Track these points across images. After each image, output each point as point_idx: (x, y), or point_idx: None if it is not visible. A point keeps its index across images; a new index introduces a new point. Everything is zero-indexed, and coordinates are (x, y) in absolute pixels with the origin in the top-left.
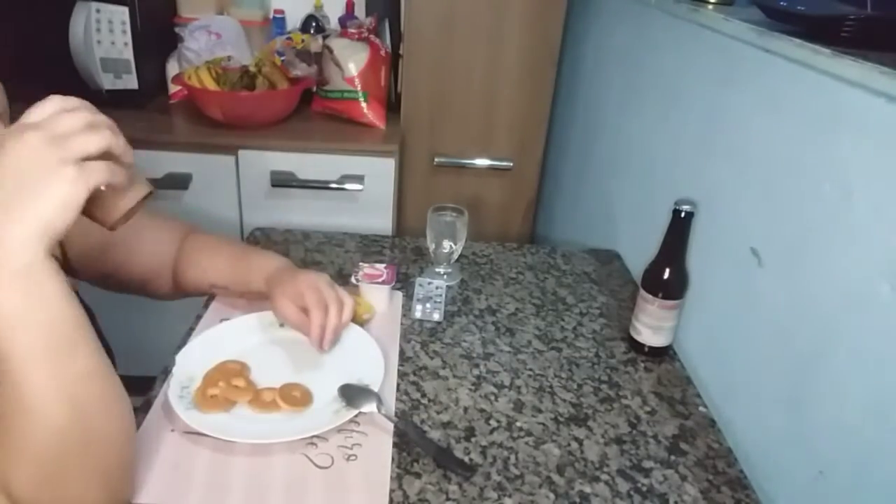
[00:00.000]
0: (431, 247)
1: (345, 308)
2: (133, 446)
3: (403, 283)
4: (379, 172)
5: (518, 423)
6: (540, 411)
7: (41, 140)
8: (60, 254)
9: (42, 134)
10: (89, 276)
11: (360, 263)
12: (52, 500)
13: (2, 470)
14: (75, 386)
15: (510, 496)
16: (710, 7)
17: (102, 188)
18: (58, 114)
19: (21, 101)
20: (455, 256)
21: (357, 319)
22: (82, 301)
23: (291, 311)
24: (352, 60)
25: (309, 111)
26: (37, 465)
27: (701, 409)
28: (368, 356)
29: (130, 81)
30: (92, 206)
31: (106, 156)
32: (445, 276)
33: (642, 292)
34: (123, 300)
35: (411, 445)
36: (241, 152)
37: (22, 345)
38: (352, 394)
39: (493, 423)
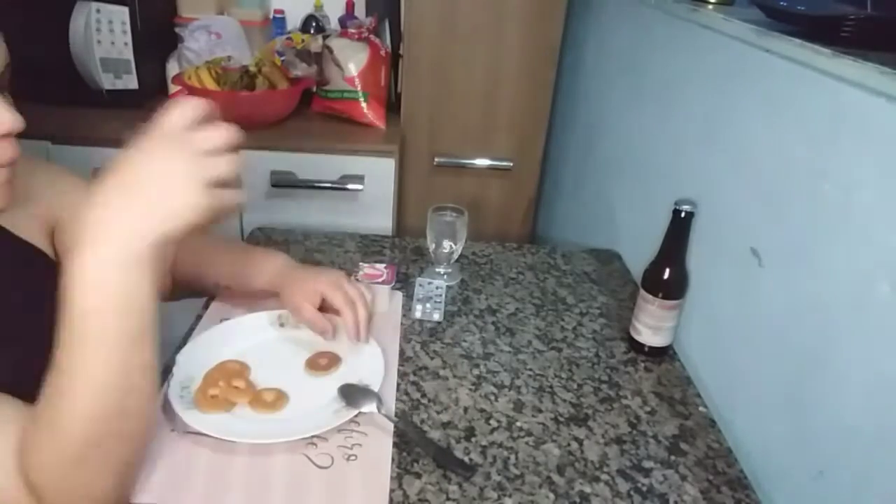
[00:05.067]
0: (431, 247)
1: (368, 300)
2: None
3: (403, 283)
4: (379, 172)
5: (518, 423)
6: (540, 411)
7: (184, 157)
8: (53, 253)
9: (185, 148)
10: None
11: (360, 263)
12: (67, 487)
13: (26, 451)
14: (133, 376)
15: (510, 496)
16: (710, 7)
17: None
18: (194, 125)
19: (22, 101)
20: (455, 256)
21: None
22: None
23: (309, 309)
24: (352, 60)
25: (309, 111)
26: (67, 449)
27: (701, 409)
28: (368, 356)
29: (130, 81)
30: None
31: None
32: (445, 276)
33: (642, 292)
34: None
35: (411, 445)
36: (240, 152)
37: (112, 328)
38: (352, 394)
39: (493, 423)
